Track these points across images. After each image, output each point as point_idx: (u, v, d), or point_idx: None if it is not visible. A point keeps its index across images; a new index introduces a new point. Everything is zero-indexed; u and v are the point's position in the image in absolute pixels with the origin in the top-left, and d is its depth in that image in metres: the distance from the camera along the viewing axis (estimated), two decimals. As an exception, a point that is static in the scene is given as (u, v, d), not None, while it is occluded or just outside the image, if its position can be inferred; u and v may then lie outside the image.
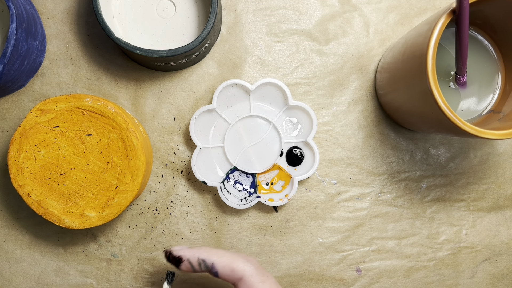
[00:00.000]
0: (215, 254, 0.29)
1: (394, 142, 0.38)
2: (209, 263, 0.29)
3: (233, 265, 0.29)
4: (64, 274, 0.37)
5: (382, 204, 0.38)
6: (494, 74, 0.33)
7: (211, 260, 0.29)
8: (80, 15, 0.37)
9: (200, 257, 0.29)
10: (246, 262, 0.29)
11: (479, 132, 0.27)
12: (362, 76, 0.38)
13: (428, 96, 0.28)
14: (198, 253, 0.29)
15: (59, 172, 0.33)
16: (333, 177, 0.38)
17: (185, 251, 0.29)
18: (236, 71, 0.38)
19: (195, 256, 0.29)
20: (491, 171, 0.39)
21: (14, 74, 0.34)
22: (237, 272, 0.28)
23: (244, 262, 0.29)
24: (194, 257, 0.29)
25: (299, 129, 0.37)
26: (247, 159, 0.36)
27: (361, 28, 0.38)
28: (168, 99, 0.38)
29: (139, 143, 0.33)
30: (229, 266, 0.29)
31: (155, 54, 0.32)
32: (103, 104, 0.33)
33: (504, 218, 0.39)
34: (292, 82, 0.38)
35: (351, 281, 0.38)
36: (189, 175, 0.38)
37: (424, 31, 0.28)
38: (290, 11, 0.38)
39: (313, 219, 0.38)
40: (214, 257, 0.29)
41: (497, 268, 0.39)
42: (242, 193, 0.36)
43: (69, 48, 0.37)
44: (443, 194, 0.38)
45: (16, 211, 0.38)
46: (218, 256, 0.29)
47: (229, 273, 0.28)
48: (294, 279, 0.38)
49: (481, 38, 0.33)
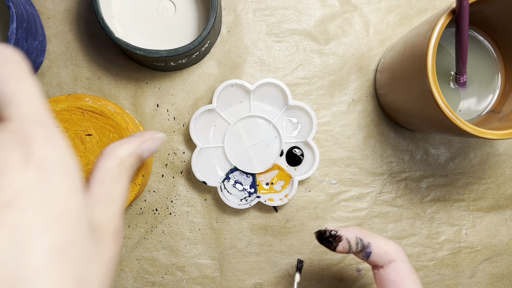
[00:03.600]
0: (369, 234, 0.28)
1: (394, 142, 0.38)
2: (366, 242, 0.28)
3: (388, 247, 0.28)
4: (64, 274, 0.37)
5: (382, 204, 0.38)
6: (494, 74, 0.33)
7: (368, 240, 0.28)
8: (80, 15, 0.37)
9: (358, 235, 0.28)
10: (398, 246, 0.28)
11: (479, 132, 0.27)
12: (362, 76, 0.38)
13: (428, 96, 0.28)
14: (355, 232, 0.28)
15: None
16: (333, 177, 0.38)
17: (342, 230, 0.28)
18: (236, 71, 0.38)
19: (354, 235, 0.28)
20: (491, 171, 0.39)
21: (14, 74, 0.34)
22: (391, 254, 0.28)
23: (396, 245, 0.28)
24: (352, 235, 0.28)
25: (299, 129, 0.37)
26: (247, 159, 0.36)
27: (361, 28, 0.38)
28: (168, 99, 0.38)
29: None
30: (384, 247, 0.28)
31: (155, 54, 0.32)
32: (103, 104, 0.33)
33: (504, 218, 0.39)
34: (292, 82, 0.38)
35: (351, 281, 0.38)
36: (189, 175, 0.38)
37: (424, 31, 0.28)
38: (290, 11, 0.38)
39: (313, 219, 0.38)
40: (369, 237, 0.28)
41: (497, 268, 0.39)
42: (242, 193, 0.36)
43: (69, 48, 0.37)
44: (443, 194, 0.38)
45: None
46: (372, 236, 0.28)
47: (382, 254, 0.28)
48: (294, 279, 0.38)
49: (481, 38, 0.33)
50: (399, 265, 0.28)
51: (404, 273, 0.27)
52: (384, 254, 0.28)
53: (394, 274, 0.28)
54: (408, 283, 0.27)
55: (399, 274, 0.27)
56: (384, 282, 0.28)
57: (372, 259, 0.28)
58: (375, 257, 0.28)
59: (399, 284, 0.27)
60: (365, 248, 0.28)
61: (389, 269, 0.28)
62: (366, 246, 0.28)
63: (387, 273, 0.28)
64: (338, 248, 0.28)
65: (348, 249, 0.28)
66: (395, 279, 0.27)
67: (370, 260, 0.28)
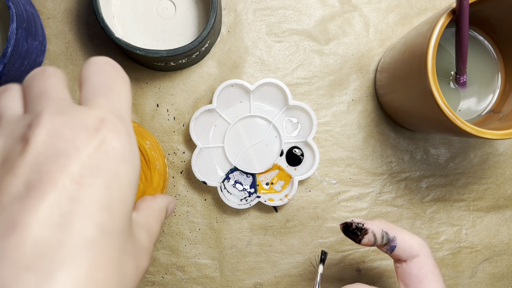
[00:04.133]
0: (394, 228, 0.28)
1: (394, 142, 0.38)
2: (391, 236, 0.28)
3: (412, 241, 0.28)
4: (64, 274, 0.37)
5: (382, 204, 0.38)
6: (494, 74, 0.33)
7: (393, 234, 0.28)
8: (80, 15, 0.37)
9: (384, 229, 0.28)
10: (423, 241, 0.28)
11: (479, 132, 0.27)
12: (362, 76, 0.38)
13: (428, 96, 0.28)
14: (381, 225, 0.28)
15: None
16: (333, 177, 0.38)
17: (369, 223, 0.28)
18: (236, 71, 0.38)
19: (380, 228, 0.28)
20: (491, 171, 0.39)
21: (14, 74, 0.34)
22: (415, 249, 0.28)
23: (421, 241, 0.28)
24: (378, 229, 0.28)
25: (299, 129, 0.37)
26: (247, 159, 0.36)
27: (361, 28, 0.38)
28: (168, 99, 0.38)
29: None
30: (408, 242, 0.28)
31: (155, 54, 0.32)
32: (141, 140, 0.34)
33: (504, 218, 0.39)
34: (292, 82, 0.38)
35: (351, 281, 0.38)
36: (189, 175, 0.38)
37: (424, 31, 0.28)
38: (290, 11, 0.38)
39: (313, 219, 0.38)
40: (394, 230, 0.28)
41: (497, 268, 0.39)
42: (242, 193, 0.36)
43: (69, 48, 0.37)
44: (443, 194, 0.38)
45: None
46: (398, 230, 0.28)
47: (406, 248, 0.28)
48: (294, 279, 0.38)
49: (481, 38, 0.33)
50: (423, 260, 0.28)
51: (428, 269, 0.27)
52: (409, 248, 0.28)
53: (417, 269, 0.27)
54: (431, 279, 0.27)
55: (422, 269, 0.27)
56: (406, 277, 0.28)
57: (396, 253, 0.28)
58: (399, 251, 0.28)
59: (422, 279, 0.27)
60: (390, 242, 0.28)
61: (412, 264, 0.28)
62: (391, 240, 0.28)
63: (410, 268, 0.28)
64: (363, 241, 0.28)
65: (373, 242, 0.28)
66: (418, 274, 0.27)
67: (394, 254, 0.28)
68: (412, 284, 0.27)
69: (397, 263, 0.29)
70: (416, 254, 0.28)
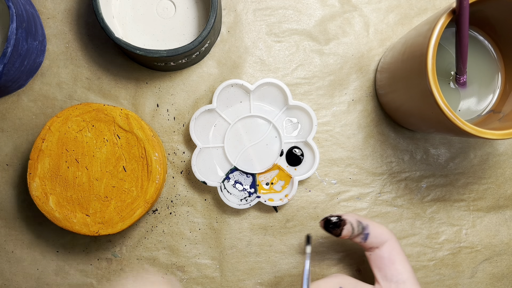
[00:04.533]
0: (364, 218, 0.31)
1: (394, 142, 0.38)
2: (365, 224, 0.31)
3: (381, 229, 0.31)
4: (65, 273, 0.37)
5: (382, 204, 0.38)
6: (494, 74, 0.33)
7: (366, 223, 0.31)
8: (80, 15, 0.37)
9: (358, 219, 0.31)
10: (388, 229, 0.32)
11: (479, 132, 0.27)
12: (362, 76, 0.38)
13: (428, 96, 0.28)
14: (354, 216, 0.31)
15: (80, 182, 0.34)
16: (333, 177, 0.38)
17: (344, 215, 0.31)
18: (236, 71, 0.38)
19: (354, 218, 0.31)
20: (491, 171, 0.39)
21: (14, 74, 0.34)
22: (385, 235, 0.31)
23: (387, 228, 0.32)
24: (353, 219, 0.31)
25: (299, 129, 0.37)
26: (247, 159, 0.36)
27: (361, 28, 0.38)
28: (168, 99, 0.38)
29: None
30: (379, 229, 0.31)
31: (155, 54, 0.32)
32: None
33: (504, 218, 0.39)
34: (292, 82, 0.38)
35: (351, 281, 0.38)
36: (189, 175, 0.38)
37: (424, 31, 0.28)
38: (290, 11, 0.38)
39: (313, 219, 0.38)
40: (365, 220, 0.31)
41: (497, 268, 0.39)
42: (242, 193, 0.36)
43: (69, 48, 0.37)
44: (443, 194, 0.38)
45: (16, 211, 0.38)
46: (367, 220, 0.31)
47: (378, 235, 0.31)
48: (294, 279, 0.38)
49: (481, 38, 0.33)
50: (392, 244, 0.31)
51: (397, 251, 0.31)
52: (380, 235, 0.31)
53: (388, 252, 0.31)
54: (401, 259, 0.31)
55: (393, 251, 0.31)
56: (379, 260, 0.31)
57: (369, 241, 0.31)
58: (372, 239, 0.31)
59: (394, 260, 0.31)
60: (363, 230, 0.31)
61: (384, 248, 0.31)
62: (365, 227, 0.31)
63: (382, 252, 0.31)
64: (343, 233, 0.31)
65: (351, 232, 0.31)
66: (390, 256, 0.31)
67: (368, 242, 0.31)
68: (385, 267, 0.31)
69: (369, 251, 0.32)
70: (386, 239, 0.31)
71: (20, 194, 0.37)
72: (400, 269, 0.31)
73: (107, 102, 0.37)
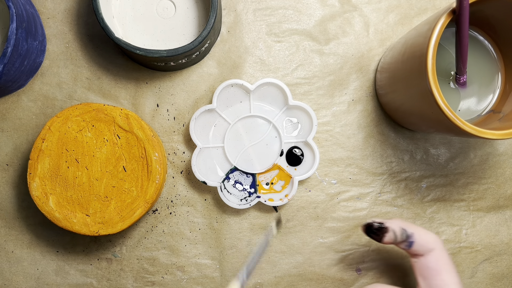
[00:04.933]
0: (411, 225, 0.31)
1: (394, 142, 0.38)
2: (409, 232, 0.30)
3: (428, 236, 0.30)
4: (65, 273, 0.37)
5: (382, 204, 0.38)
6: (494, 74, 0.33)
7: (411, 230, 0.30)
8: (80, 15, 0.37)
9: (402, 226, 0.30)
10: (437, 237, 0.30)
11: (479, 132, 0.27)
12: (362, 76, 0.38)
13: (428, 96, 0.28)
14: (399, 223, 0.30)
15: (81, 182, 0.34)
16: (333, 177, 0.38)
17: (388, 222, 0.30)
18: (236, 71, 0.38)
19: (399, 226, 0.30)
20: (491, 171, 0.39)
21: (14, 74, 0.34)
22: (431, 244, 0.30)
23: (435, 236, 0.30)
24: (398, 227, 0.30)
25: (299, 129, 0.37)
26: (247, 159, 0.36)
27: (361, 28, 0.38)
28: (168, 99, 0.38)
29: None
30: (424, 237, 0.30)
31: (155, 54, 0.32)
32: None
33: (504, 218, 0.39)
34: (292, 82, 0.38)
35: (351, 281, 0.38)
36: (189, 175, 0.38)
37: (424, 31, 0.28)
38: (290, 11, 0.38)
39: (313, 219, 0.38)
40: (411, 227, 0.30)
41: (497, 268, 0.39)
42: (242, 193, 0.36)
43: (69, 48, 0.37)
44: (443, 194, 0.38)
45: (16, 211, 0.38)
46: (414, 227, 0.30)
47: (423, 243, 0.30)
48: (294, 279, 0.38)
49: (481, 38, 0.33)
50: (439, 253, 0.30)
51: (444, 261, 0.30)
52: (425, 243, 0.30)
53: (434, 262, 0.30)
54: (447, 270, 0.30)
55: (439, 262, 0.30)
56: (424, 270, 0.30)
57: (414, 248, 0.30)
58: (417, 247, 0.30)
59: (439, 271, 0.29)
60: (408, 238, 0.30)
61: (429, 257, 0.30)
62: (410, 236, 0.30)
63: (428, 261, 0.30)
64: (385, 239, 0.30)
65: (393, 240, 0.30)
66: (436, 267, 0.30)
67: (412, 249, 0.30)
68: (430, 276, 0.30)
69: (414, 258, 0.31)
70: (432, 248, 0.30)
71: (20, 194, 0.37)
72: (446, 279, 0.29)
73: (107, 102, 0.37)
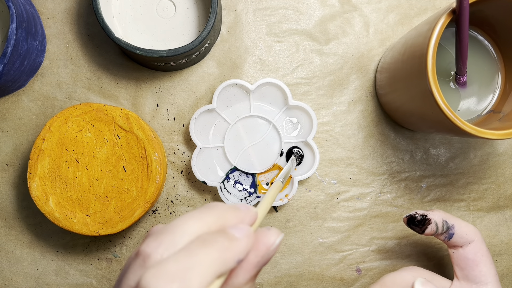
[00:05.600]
0: (451, 217, 0.31)
1: (394, 142, 0.38)
2: (450, 224, 0.30)
3: (467, 228, 0.30)
4: (65, 273, 0.37)
5: (382, 204, 0.38)
6: (494, 74, 0.33)
7: (452, 222, 0.30)
8: (80, 15, 0.37)
9: (444, 218, 0.30)
10: (476, 229, 0.31)
11: (479, 132, 0.27)
12: (362, 76, 0.38)
13: (428, 96, 0.28)
14: (440, 215, 0.31)
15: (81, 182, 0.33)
16: (333, 177, 0.38)
17: (430, 214, 0.31)
18: (236, 71, 0.38)
19: (440, 218, 0.30)
20: (491, 171, 0.39)
21: (14, 74, 0.34)
22: (471, 235, 0.30)
23: (474, 228, 0.31)
24: (439, 218, 0.30)
25: (299, 129, 0.37)
26: (247, 159, 0.36)
27: (361, 28, 0.38)
28: (168, 99, 0.38)
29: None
30: (464, 229, 0.30)
31: (155, 54, 0.32)
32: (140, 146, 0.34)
33: (504, 218, 0.39)
34: (292, 82, 0.38)
35: (351, 281, 0.38)
36: (189, 175, 0.38)
37: (424, 31, 0.28)
38: (290, 11, 0.38)
39: (313, 219, 0.38)
40: (452, 219, 0.31)
41: (497, 268, 0.39)
42: (242, 193, 0.36)
43: (69, 48, 0.37)
44: (443, 194, 0.38)
45: (16, 211, 0.38)
46: (454, 218, 0.31)
47: (463, 235, 0.30)
48: (294, 279, 0.38)
49: (481, 38, 0.33)
50: (478, 245, 0.30)
51: (483, 253, 0.30)
52: (465, 235, 0.30)
53: (473, 254, 0.30)
54: (486, 262, 0.30)
55: (478, 253, 0.30)
56: (463, 260, 0.30)
57: (453, 240, 0.30)
58: (456, 238, 0.30)
59: (478, 262, 0.30)
60: (448, 230, 0.30)
61: (468, 249, 0.30)
62: (450, 227, 0.30)
63: (467, 252, 0.30)
64: (426, 231, 0.30)
65: (435, 231, 0.30)
66: (474, 258, 0.30)
67: (452, 241, 0.30)
68: (469, 267, 0.30)
69: (452, 249, 0.31)
70: (471, 239, 0.30)
71: (20, 194, 0.37)
72: (484, 271, 0.30)
73: (107, 102, 0.37)
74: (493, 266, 0.30)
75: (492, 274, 0.30)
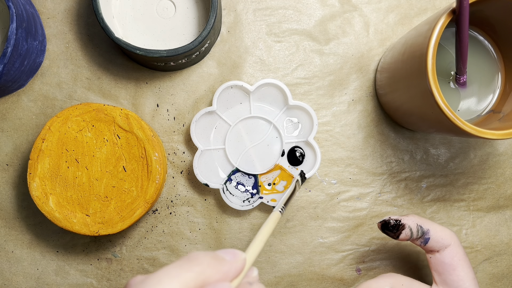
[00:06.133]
0: (426, 222, 0.31)
1: (394, 142, 0.38)
2: (425, 229, 0.30)
3: (443, 233, 0.30)
4: (65, 273, 0.37)
5: (382, 204, 0.38)
6: (494, 74, 0.33)
7: (426, 227, 0.30)
8: (80, 15, 0.37)
9: (418, 223, 0.30)
10: (452, 233, 0.30)
11: (479, 132, 0.27)
12: (362, 76, 0.38)
13: (428, 96, 0.28)
14: (415, 220, 0.30)
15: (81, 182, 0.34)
16: (333, 177, 0.38)
17: (404, 219, 0.30)
18: (236, 71, 0.38)
19: (415, 223, 0.30)
20: (491, 171, 0.39)
21: (14, 74, 0.34)
22: (447, 240, 0.30)
23: (450, 232, 0.30)
24: (414, 223, 0.30)
25: (300, 129, 0.37)
26: (249, 160, 0.36)
27: (361, 28, 0.38)
28: (168, 99, 0.38)
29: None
30: (440, 233, 0.30)
31: (155, 54, 0.32)
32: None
33: (504, 218, 0.39)
34: (292, 82, 0.38)
35: (351, 281, 0.38)
36: (189, 175, 0.38)
37: (424, 31, 0.28)
38: (290, 11, 0.38)
39: (313, 219, 0.38)
40: (427, 224, 0.30)
41: (497, 268, 0.39)
42: (244, 194, 0.36)
43: (69, 48, 0.37)
44: (443, 194, 0.39)
45: (16, 211, 0.38)
46: (429, 223, 0.30)
47: (439, 239, 0.30)
48: (294, 279, 0.38)
49: (481, 38, 0.33)
50: (454, 249, 0.30)
51: (459, 257, 0.30)
52: (441, 239, 0.30)
53: (450, 258, 0.30)
54: (463, 266, 0.30)
55: (455, 257, 0.30)
56: (440, 265, 0.30)
57: (429, 245, 0.30)
58: (432, 243, 0.30)
59: (455, 266, 0.30)
60: (424, 235, 0.30)
61: (445, 253, 0.30)
62: (426, 232, 0.30)
63: (443, 257, 0.30)
64: (401, 236, 0.30)
65: (409, 237, 0.30)
66: (451, 262, 0.30)
67: (428, 246, 0.30)
68: (446, 272, 0.30)
69: (429, 254, 0.31)
70: (448, 244, 0.30)
71: (20, 194, 0.37)
72: (462, 275, 0.30)
73: (107, 102, 0.37)
74: (471, 270, 0.30)
75: (470, 278, 0.30)
